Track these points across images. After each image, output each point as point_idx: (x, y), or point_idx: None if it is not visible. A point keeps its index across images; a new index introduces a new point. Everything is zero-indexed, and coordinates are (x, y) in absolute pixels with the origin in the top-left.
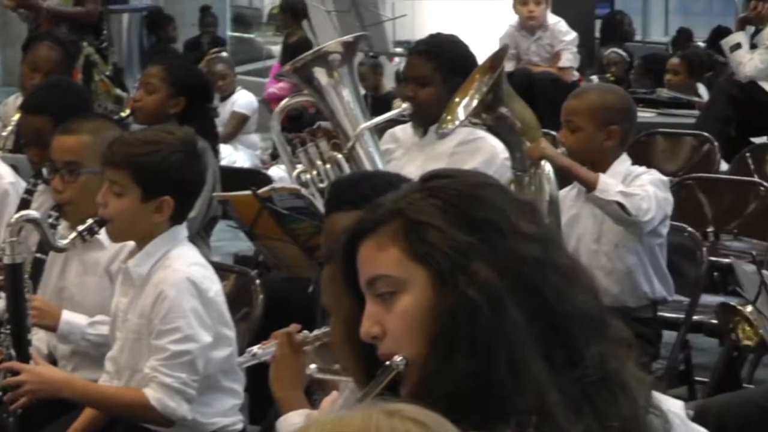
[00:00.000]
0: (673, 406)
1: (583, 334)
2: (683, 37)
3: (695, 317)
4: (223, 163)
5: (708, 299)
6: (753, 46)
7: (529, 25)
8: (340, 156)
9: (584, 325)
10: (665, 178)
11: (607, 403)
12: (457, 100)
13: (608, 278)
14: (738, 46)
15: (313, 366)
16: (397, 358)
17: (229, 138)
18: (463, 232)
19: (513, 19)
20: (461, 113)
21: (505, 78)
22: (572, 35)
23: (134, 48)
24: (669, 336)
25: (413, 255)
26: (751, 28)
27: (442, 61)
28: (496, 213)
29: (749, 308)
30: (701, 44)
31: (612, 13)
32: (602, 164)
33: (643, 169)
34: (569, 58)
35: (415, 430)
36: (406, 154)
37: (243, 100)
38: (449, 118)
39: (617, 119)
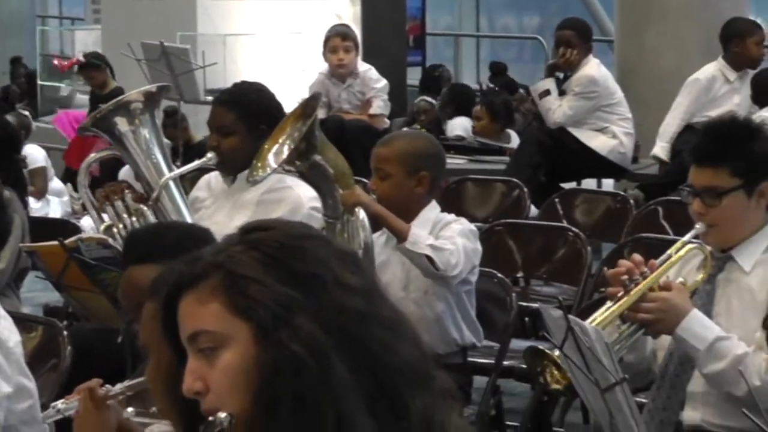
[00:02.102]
0: None
1: (409, 387)
2: (498, 69)
3: (506, 362)
4: (37, 215)
5: (519, 344)
6: (562, 93)
7: (339, 73)
8: (145, 208)
9: (409, 376)
10: (474, 228)
11: None
12: (267, 147)
13: (417, 325)
14: (547, 92)
15: (130, 409)
16: (222, 415)
17: (42, 194)
18: (285, 286)
19: (324, 66)
20: (272, 160)
21: (318, 125)
22: (383, 82)
23: None
24: (480, 381)
25: (234, 310)
26: (561, 75)
27: (246, 110)
28: (318, 265)
29: (557, 352)
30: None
31: (432, 67)
32: (412, 211)
33: (452, 216)
34: (380, 105)
35: None
36: (215, 203)
37: (33, 154)
38: (260, 165)
39: (427, 165)
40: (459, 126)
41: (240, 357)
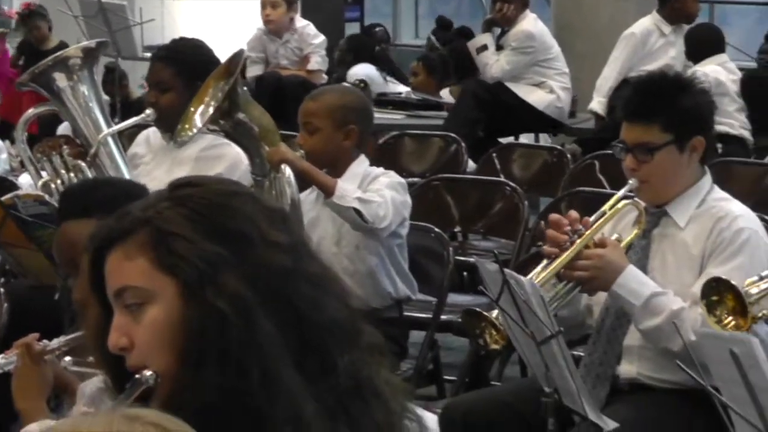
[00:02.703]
0: (427, 420)
1: (336, 343)
2: (444, 23)
3: (444, 317)
4: None
5: (457, 299)
6: (499, 48)
7: (270, 29)
8: (83, 164)
9: (337, 333)
10: (402, 181)
11: (361, 411)
12: (192, 108)
13: (351, 280)
14: (484, 47)
15: (68, 359)
16: (147, 373)
17: None
18: (211, 243)
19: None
20: (198, 121)
21: (240, 83)
22: (320, 38)
23: None
24: (418, 336)
25: (161, 266)
26: (498, 30)
27: (184, 66)
28: (245, 223)
29: (495, 313)
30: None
31: (370, 26)
32: (340, 165)
33: (380, 170)
34: (318, 61)
35: None
36: (154, 159)
37: None
38: (186, 126)
39: (355, 119)
40: (361, 72)
41: (166, 313)
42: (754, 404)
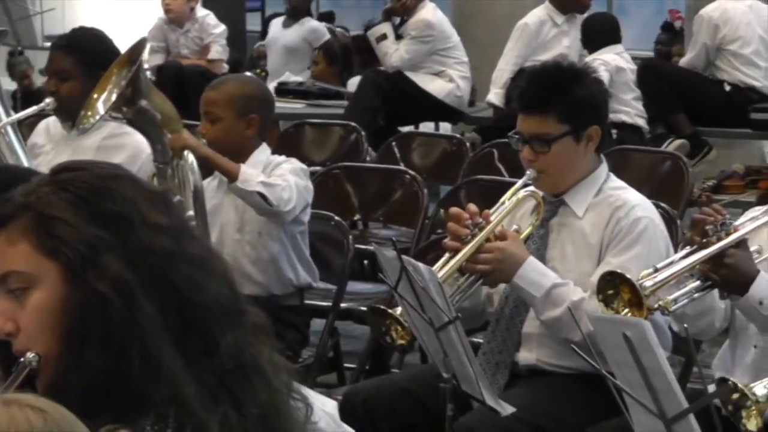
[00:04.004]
0: (327, 406)
1: (218, 323)
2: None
3: (344, 305)
4: None
5: (357, 287)
6: (399, 37)
7: (171, 18)
8: None
9: (219, 314)
10: (305, 167)
11: (244, 390)
12: (95, 96)
13: (254, 266)
14: (384, 36)
15: None
16: (30, 355)
17: None
18: (92, 226)
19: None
20: (101, 108)
21: (143, 70)
22: (221, 28)
23: None
24: (321, 324)
25: (43, 250)
26: (397, 19)
27: (84, 55)
28: (126, 205)
29: (399, 310)
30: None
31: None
32: (242, 154)
33: (282, 158)
34: (218, 51)
35: (33, 417)
36: (54, 148)
37: None
38: (89, 113)
39: (256, 108)
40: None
41: (49, 297)
42: (647, 387)
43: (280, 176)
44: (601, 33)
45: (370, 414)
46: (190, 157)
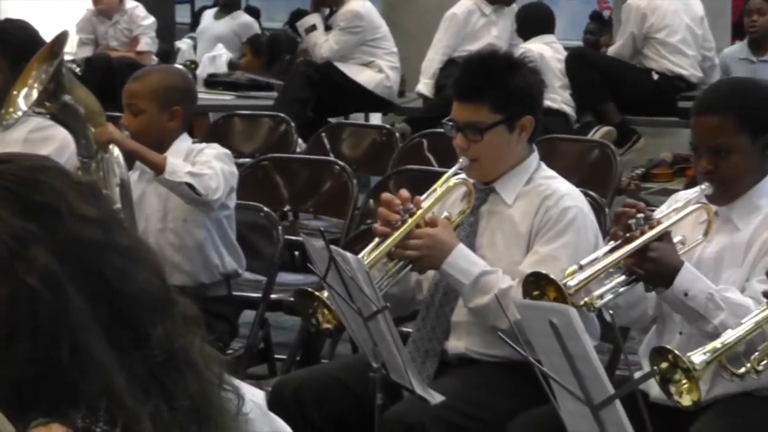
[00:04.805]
0: (255, 396)
1: (149, 315)
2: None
3: (275, 296)
4: None
5: (288, 278)
6: (328, 28)
7: (100, 10)
8: None
9: (149, 305)
10: (228, 151)
11: (175, 382)
12: (15, 92)
13: (179, 254)
14: (313, 27)
15: None
16: None
17: None
18: (20, 219)
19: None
20: (22, 104)
21: (66, 64)
22: (150, 20)
23: None
24: (251, 316)
25: None
26: (327, 10)
27: (9, 47)
28: (54, 197)
29: (326, 293)
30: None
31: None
32: (165, 145)
33: (203, 144)
34: (147, 43)
35: None
36: None
37: None
38: (11, 110)
39: (179, 100)
40: None
41: None
42: (573, 373)
43: (205, 163)
44: (534, 23)
45: (300, 404)
46: (116, 151)
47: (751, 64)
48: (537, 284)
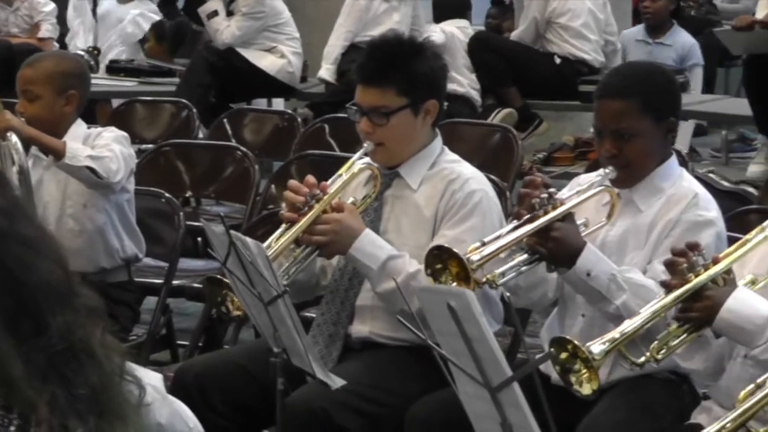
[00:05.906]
0: (152, 379)
1: (50, 304)
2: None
3: (177, 282)
4: None
5: (190, 264)
6: (230, 14)
7: None
8: None
9: (50, 294)
10: (126, 134)
11: (75, 372)
12: None
13: (79, 239)
14: (215, 13)
15: None
16: None
17: None
18: None
19: None
20: None
21: None
22: (51, 6)
23: None
24: (154, 302)
25: None
26: None
27: None
28: None
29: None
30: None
31: None
32: (61, 130)
33: (100, 128)
34: (48, 29)
35: None
36: None
37: None
38: None
39: (75, 85)
40: None
41: None
42: (471, 356)
43: (104, 146)
44: (448, 7)
45: (202, 390)
46: (14, 138)
47: (647, 45)
48: (440, 258)
